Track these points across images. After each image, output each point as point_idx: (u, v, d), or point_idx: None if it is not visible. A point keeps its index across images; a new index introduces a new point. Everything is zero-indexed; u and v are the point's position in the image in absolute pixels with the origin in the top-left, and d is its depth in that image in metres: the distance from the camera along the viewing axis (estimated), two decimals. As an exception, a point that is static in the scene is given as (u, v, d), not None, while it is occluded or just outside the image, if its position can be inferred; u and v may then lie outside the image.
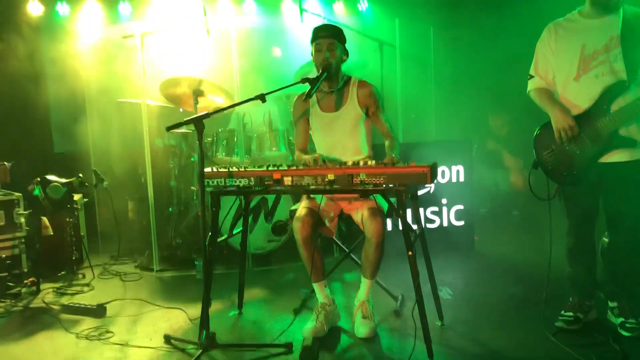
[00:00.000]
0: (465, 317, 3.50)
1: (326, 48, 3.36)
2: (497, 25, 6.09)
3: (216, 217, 3.28)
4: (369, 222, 3.15)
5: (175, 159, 5.23)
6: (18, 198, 4.48)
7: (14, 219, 4.43)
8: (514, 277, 4.26)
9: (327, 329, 3.30)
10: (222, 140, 4.99)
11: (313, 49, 3.43)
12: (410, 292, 3.26)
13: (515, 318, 3.45)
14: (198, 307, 3.17)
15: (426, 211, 4.98)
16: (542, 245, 3.21)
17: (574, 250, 3.27)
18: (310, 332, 3.20)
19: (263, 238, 4.88)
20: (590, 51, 3.03)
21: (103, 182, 4.99)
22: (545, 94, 3.21)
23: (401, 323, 3.44)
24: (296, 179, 3.00)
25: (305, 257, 3.29)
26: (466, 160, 5.02)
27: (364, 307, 3.31)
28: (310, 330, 3.22)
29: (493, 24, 6.15)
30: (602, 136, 2.99)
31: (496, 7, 6.18)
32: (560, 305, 3.32)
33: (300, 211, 3.31)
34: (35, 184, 4.70)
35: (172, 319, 3.67)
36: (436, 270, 3.41)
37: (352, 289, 3.87)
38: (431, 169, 2.79)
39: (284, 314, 3.70)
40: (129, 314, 3.79)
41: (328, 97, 3.53)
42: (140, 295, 4.19)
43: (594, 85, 3.01)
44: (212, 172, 3.18)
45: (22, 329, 3.60)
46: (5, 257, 4.31)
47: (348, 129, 3.48)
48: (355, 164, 2.98)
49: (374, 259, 3.20)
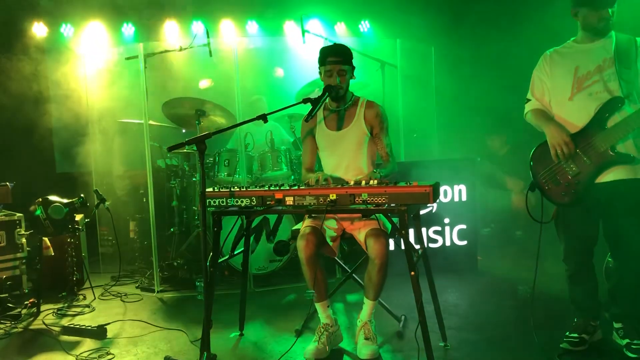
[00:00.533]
0: (469, 338, 3.46)
1: (337, 74, 3.39)
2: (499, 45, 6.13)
3: (218, 237, 3.26)
4: (372, 243, 3.13)
5: (177, 179, 5.23)
6: (19, 218, 4.48)
7: (15, 239, 4.43)
8: (518, 297, 4.21)
9: (329, 350, 3.27)
10: (224, 160, 5.00)
11: (322, 72, 3.46)
12: (413, 313, 3.22)
13: (520, 339, 3.40)
14: (199, 328, 3.15)
15: (429, 231, 4.96)
16: (547, 266, 3.18)
17: (575, 277, 3.26)
18: (312, 353, 3.18)
19: (264, 258, 4.85)
20: (584, 72, 3.09)
21: (104, 202, 4.98)
22: (540, 114, 3.24)
23: (404, 344, 3.40)
24: (298, 199, 3.00)
25: (308, 277, 3.27)
26: (468, 179, 5.02)
27: (367, 328, 3.27)
28: (312, 351, 3.19)
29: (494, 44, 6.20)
30: (599, 152, 2.99)
31: (497, 28, 6.24)
32: (565, 326, 3.29)
33: (305, 229, 3.30)
34: (37, 205, 4.69)
35: (173, 341, 3.64)
36: (439, 291, 3.38)
37: (354, 309, 3.83)
38: (433, 188, 2.78)
39: (286, 334, 3.66)
40: (130, 335, 3.76)
41: (335, 115, 3.54)
42: (141, 316, 4.16)
43: (589, 102, 3.04)
44: (213, 192, 3.18)
45: (22, 351, 3.56)
46: (6, 277, 4.29)
47: (353, 148, 3.48)
48: (357, 183, 2.98)
49: (378, 280, 3.17)
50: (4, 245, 4.37)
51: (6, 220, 4.40)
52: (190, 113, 4.96)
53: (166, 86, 5.49)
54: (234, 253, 3.62)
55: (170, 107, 4.97)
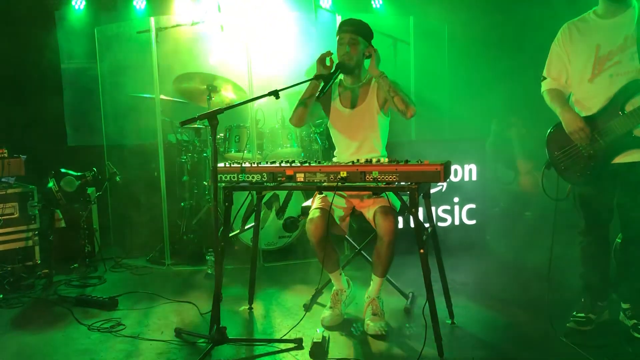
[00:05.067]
0: (476, 316, 3.49)
1: (347, 42, 3.35)
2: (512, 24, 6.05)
3: (228, 212, 3.29)
4: (381, 220, 3.14)
5: (188, 154, 5.25)
6: (32, 190, 4.52)
7: (27, 211, 4.48)
8: (526, 277, 4.23)
9: (344, 314, 3.42)
10: (235, 136, 5.00)
11: (337, 43, 3.43)
12: (421, 290, 3.25)
13: (526, 318, 3.43)
14: (209, 301, 3.19)
15: (438, 210, 4.97)
16: (555, 246, 3.18)
17: (588, 250, 3.25)
18: (329, 320, 3.33)
19: (274, 234, 4.88)
20: (606, 52, 3.00)
21: (116, 176, 5.01)
22: (556, 96, 3.18)
23: (411, 320, 3.44)
24: (309, 176, 3.01)
25: (319, 257, 3.31)
26: (479, 159, 5.00)
27: (375, 304, 3.31)
28: (328, 318, 3.34)
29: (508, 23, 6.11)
30: (616, 136, 2.96)
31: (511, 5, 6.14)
32: (572, 306, 3.30)
33: (313, 213, 3.31)
34: (50, 177, 4.73)
35: (183, 313, 3.69)
36: (447, 269, 3.40)
37: (363, 286, 3.86)
38: (445, 167, 2.78)
39: (294, 309, 3.70)
40: (141, 307, 3.82)
41: (349, 93, 3.53)
42: (151, 288, 4.21)
43: (609, 85, 2.98)
44: (225, 168, 3.20)
45: (35, 321, 3.63)
46: (19, 248, 4.35)
47: (366, 125, 3.46)
48: (368, 162, 2.98)
49: (386, 257, 3.19)
50: (17, 216, 4.42)
51: (19, 192, 4.45)
52: (201, 88, 4.96)
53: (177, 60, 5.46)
54: (245, 228, 3.65)
55: (181, 81, 4.96)
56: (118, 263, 4.99)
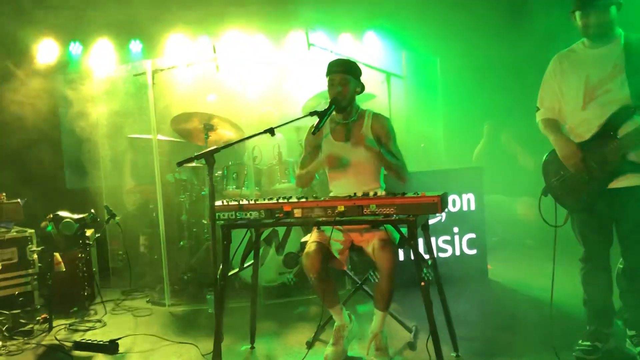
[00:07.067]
0: (480, 348, 3.45)
1: (338, 82, 3.42)
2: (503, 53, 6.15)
3: (227, 250, 3.28)
4: (380, 253, 3.13)
5: (186, 193, 5.26)
6: (31, 235, 4.52)
7: (27, 255, 4.46)
8: (529, 306, 4.19)
9: (347, 350, 3.39)
10: (232, 173, 5.02)
11: (328, 84, 3.50)
12: (424, 323, 3.22)
13: (531, 348, 3.38)
14: (210, 341, 3.15)
15: (438, 240, 4.96)
16: (557, 274, 3.17)
17: (589, 276, 3.24)
18: (332, 357, 3.29)
19: (274, 270, 4.85)
20: (595, 81, 3.06)
21: (115, 217, 5.01)
22: (550, 125, 3.25)
23: (416, 355, 3.39)
24: (306, 211, 3.01)
25: (318, 291, 3.30)
26: (477, 188, 5.01)
27: (378, 339, 3.27)
28: (331, 355, 3.29)
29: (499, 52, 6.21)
30: (610, 162, 2.99)
31: (502, 36, 6.25)
32: (577, 335, 3.27)
33: (309, 247, 3.31)
34: (48, 221, 4.73)
35: (185, 354, 3.64)
36: (450, 300, 3.37)
37: (365, 321, 3.83)
38: (441, 198, 2.79)
39: (297, 347, 3.66)
40: (141, 350, 3.77)
41: (342, 127, 3.56)
42: (152, 330, 4.17)
43: (601, 112, 3.03)
44: (222, 206, 3.20)
45: (35, 367, 3.59)
46: (18, 293, 4.32)
47: (361, 157, 3.48)
48: (365, 195, 2.99)
49: (386, 290, 3.17)
50: (16, 261, 4.41)
51: (18, 237, 4.45)
52: (199, 127, 5.00)
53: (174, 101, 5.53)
54: (244, 266, 3.63)
55: (179, 122, 5.01)
56: (118, 305, 4.95)
